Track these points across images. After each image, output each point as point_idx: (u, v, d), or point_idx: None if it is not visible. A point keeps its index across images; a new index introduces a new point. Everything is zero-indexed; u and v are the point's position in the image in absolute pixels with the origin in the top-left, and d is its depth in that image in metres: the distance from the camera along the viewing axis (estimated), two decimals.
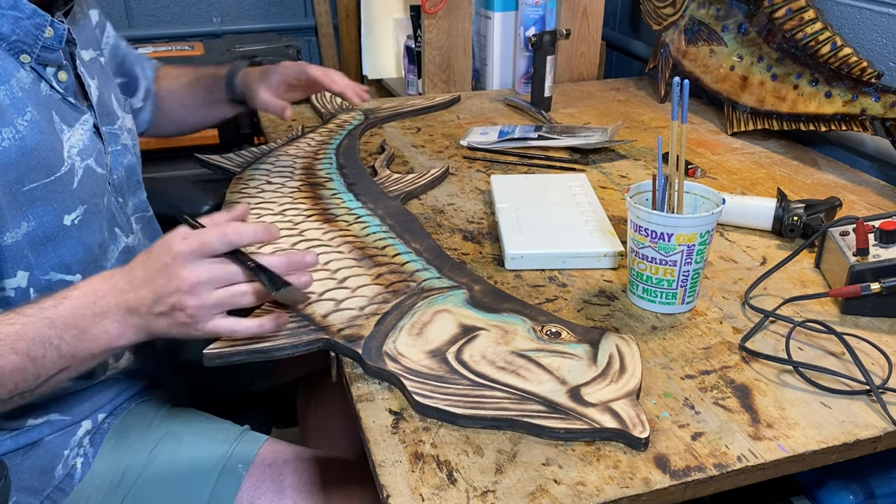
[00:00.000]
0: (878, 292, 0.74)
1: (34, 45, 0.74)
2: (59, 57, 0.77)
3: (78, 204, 0.77)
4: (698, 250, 0.73)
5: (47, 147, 0.74)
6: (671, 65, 1.43)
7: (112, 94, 0.91)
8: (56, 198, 0.75)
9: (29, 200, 0.72)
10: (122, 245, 0.87)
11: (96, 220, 0.80)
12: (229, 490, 0.81)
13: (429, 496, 0.54)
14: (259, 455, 0.84)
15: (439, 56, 1.53)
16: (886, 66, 1.10)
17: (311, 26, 2.21)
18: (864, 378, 0.65)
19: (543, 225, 0.91)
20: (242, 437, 0.87)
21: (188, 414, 0.91)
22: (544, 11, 1.47)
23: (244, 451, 0.84)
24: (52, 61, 0.76)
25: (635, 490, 0.55)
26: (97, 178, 0.81)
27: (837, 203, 0.92)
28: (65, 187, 0.76)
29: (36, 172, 0.72)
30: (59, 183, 0.75)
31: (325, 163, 1.11)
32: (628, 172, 1.14)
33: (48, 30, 0.74)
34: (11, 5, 0.71)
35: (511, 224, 0.90)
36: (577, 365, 0.66)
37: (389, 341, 0.69)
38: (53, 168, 0.74)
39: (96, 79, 0.86)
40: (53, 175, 0.74)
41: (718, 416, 0.62)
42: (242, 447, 0.85)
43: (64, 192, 0.75)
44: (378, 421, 0.62)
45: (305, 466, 0.85)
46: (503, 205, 0.95)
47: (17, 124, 0.71)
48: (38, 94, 0.75)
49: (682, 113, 0.72)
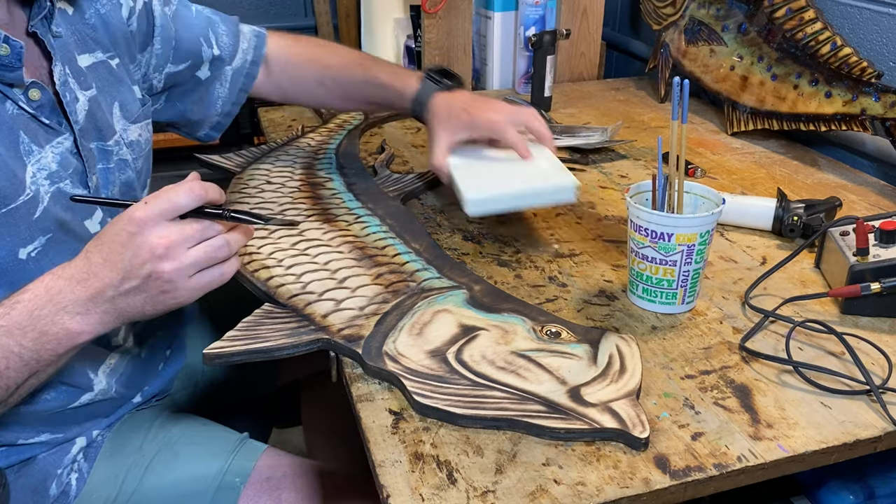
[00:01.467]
0: (878, 292, 0.74)
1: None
2: (19, 77, 0.69)
3: (37, 234, 0.70)
4: (698, 250, 0.73)
5: (8, 174, 0.68)
6: (671, 65, 1.43)
7: (116, 102, 0.83)
8: (9, 231, 0.68)
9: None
10: None
11: (66, 247, 0.73)
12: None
13: (429, 496, 0.54)
14: (256, 469, 0.83)
15: (439, 56, 1.53)
16: (886, 66, 1.10)
17: (311, 26, 2.21)
18: (865, 378, 0.65)
19: (499, 171, 0.89)
20: (240, 447, 0.85)
21: (186, 421, 0.89)
22: (544, 11, 1.47)
23: (241, 464, 0.83)
24: (13, 81, 0.69)
25: (635, 490, 0.55)
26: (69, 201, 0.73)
27: (837, 203, 0.92)
28: (21, 218, 0.69)
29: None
30: (15, 214, 0.68)
31: (325, 163, 1.11)
32: (628, 172, 1.14)
33: (2, 47, 0.67)
34: None
35: (467, 174, 0.88)
36: (577, 365, 0.66)
37: (389, 341, 0.69)
38: (9, 198, 0.68)
39: (93, 89, 0.79)
40: (8, 206, 0.68)
41: (718, 416, 0.62)
42: (239, 460, 0.83)
43: (20, 224, 0.69)
44: (378, 421, 0.62)
45: (303, 480, 0.85)
46: (456, 160, 0.92)
47: None
48: (1, 118, 0.68)
49: (682, 113, 0.72)
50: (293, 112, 1.40)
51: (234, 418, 0.94)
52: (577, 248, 0.90)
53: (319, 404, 1.17)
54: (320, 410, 1.17)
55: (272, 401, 1.18)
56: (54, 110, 0.74)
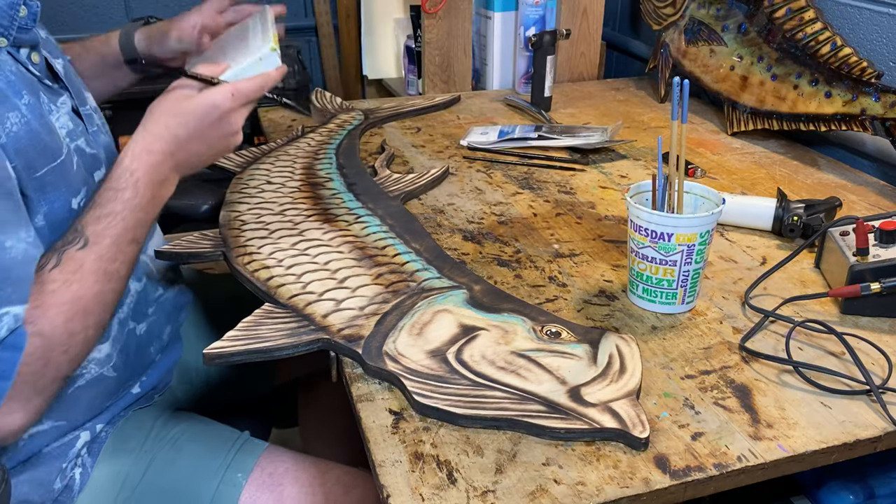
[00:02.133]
0: (878, 292, 0.74)
1: (10, 27, 0.71)
2: (34, 36, 0.74)
3: (81, 186, 0.77)
4: (698, 250, 0.73)
5: (47, 130, 0.73)
6: (671, 65, 1.43)
7: (74, 72, 0.87)
8: (63, 181, 0.74)
9: (41, 186, 0.72)
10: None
11: None
12: (228, 500, 0.81)
13: (429, 496, 0.54)
14: (258, 464, 0.84)
15: (439, 56, 1.53)
16: (886, 66, 1.10)
17: (311, 26, 2.21)
18: (865, 378, 0.65)
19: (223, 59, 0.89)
20: (242, 444, 0.86)
21: (188, 419, 0.90)
22: (544, 11, 1.47)
23: (243, 459, 0.84)
24: (27, 42, 0.74)
25: (635, 490, 0.55)
26: (88, 158, 0.80)
27: (837, 203, 0.92)
28: (67, 170, 0.75)
29: (43, 158, 0.72)
30: (63, 167, 0.74)
31: (325, 163, 1.11)
32: (628, 172, 1.14)
33: (22, 9, 0.71)
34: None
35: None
36: (577, 365, 0.66)
37: (389, 341, 0.69)
38: (56, 152, 0.74)
39: (61, 59, 0.83)
40: (57, 159, 0.73)
41: (718, 416, 0.62)
42: (241, 456, 0.84)
43: (69, 176, 0.75)
44: (378, 421, 0.62)
45: (306, 476, 0.85)
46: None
47: (21, 106, 0.70)
48: (24, 77, 0.73)
49: (682, 113, 0.72)
50: (293, 112, 1.40)
51: (234, 419, 0.94)
52: (577, 248, 0.90)
53: (316, 403, 1.17)
54: (317, 409, 1.17)
55: (271, 401, 1.18)
56: (49, 72, 0.79)
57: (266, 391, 1.12)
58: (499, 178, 1.11)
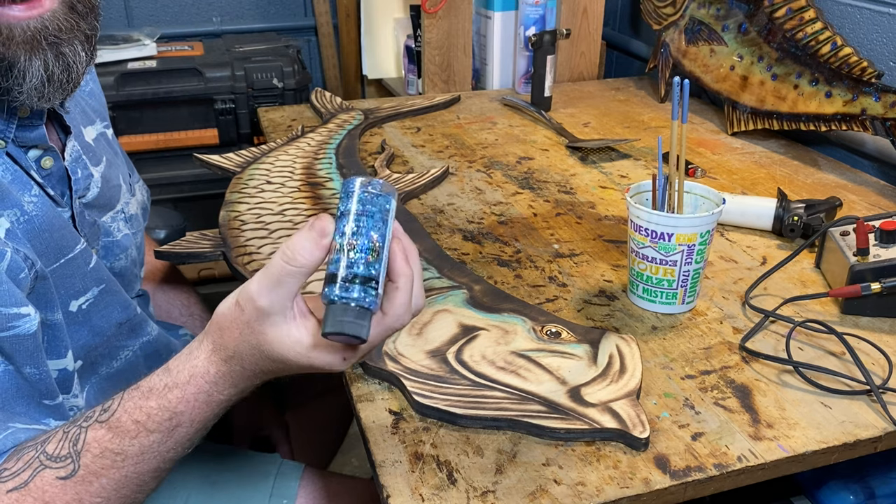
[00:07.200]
0: (878, 292, 0.74)
1: (6, 130, 0.62)
2: (41, 135, 0.64)
3: (91, 285, 0.70)
4: (698, 250, 0.73)
5: (60, 223, 0.65)
6: (671, 64, 1.43)
7: (120, 174, 0.79)
8: (64, 283, 0.67)
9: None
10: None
11: (116, 298, 0.73)
12: None
13: (429, 496, 0.54)
14: (301, 486, 0.81)
15: (439, 56, 1.53)
16: (886, 65, 1.10)
17: (311, 26, 2.21)
18: (865, 378, 0.65)
19: None
20: (278, 469, 0.82)
21: (209, 449, 0.85)
22: (544, 11, 1.47)
23: (286, 485, 0.80)
24: (35, 142, 0.64)
25: (635, 490, 0.55)
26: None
27: (837, 203, 0.92)
28: (77, 268, 0.68)
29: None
30: (72, 265, 0.67)
31: (325, 163, 1.11)
32: (628, 172, 1.14)
33: (21, 108, 0.62)
34: None
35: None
36: (577, 365, 0.66)
37: (389, 341, 0.69)
38: (68, 247, 0.66)
39: (103, 163, 0.75)
40: (66, 256, 0.66)
41: (718, 416, 0.62)
42: (282, 481, 0.81)
43: (75, 275, 0.68)
44: (378, 421, 0.62)
45: (348, 496, 0.82)
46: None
47: (25, 202, 0.62)
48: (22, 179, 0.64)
49: (683, 113, 0.72)
50: (293, 112, 1.40)
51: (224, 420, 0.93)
52: (577, 248, 0.90)
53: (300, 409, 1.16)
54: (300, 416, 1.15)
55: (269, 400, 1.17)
56: (61, 181, 0.69)
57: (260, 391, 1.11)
58: (499, 178, 1.11)
